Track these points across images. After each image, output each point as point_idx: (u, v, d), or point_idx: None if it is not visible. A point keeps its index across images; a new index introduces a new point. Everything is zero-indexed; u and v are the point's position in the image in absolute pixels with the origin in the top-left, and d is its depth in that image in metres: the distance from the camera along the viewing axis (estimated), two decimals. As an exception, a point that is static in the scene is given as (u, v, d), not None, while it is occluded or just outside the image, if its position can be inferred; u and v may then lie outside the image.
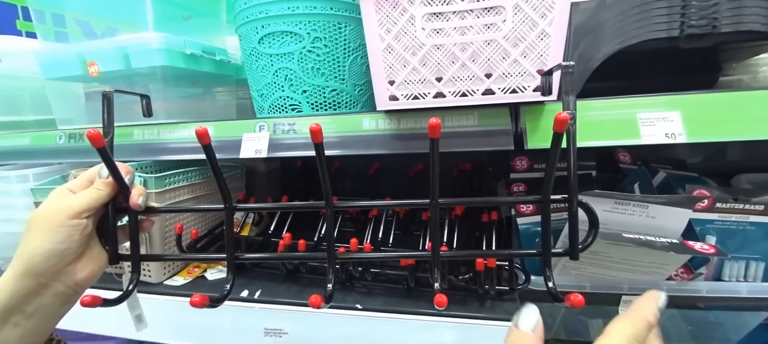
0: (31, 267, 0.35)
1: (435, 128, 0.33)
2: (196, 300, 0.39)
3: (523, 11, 0.41)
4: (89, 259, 0.39)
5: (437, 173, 0.37)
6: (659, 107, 0.47)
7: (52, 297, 0.36)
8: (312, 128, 0.34)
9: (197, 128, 0.36)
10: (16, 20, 1.08)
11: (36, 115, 0.92)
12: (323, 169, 0.37)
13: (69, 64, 0.64)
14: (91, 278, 0.40)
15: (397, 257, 0.58)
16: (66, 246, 0.36)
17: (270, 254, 0.54)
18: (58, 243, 0.36)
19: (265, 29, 0.58)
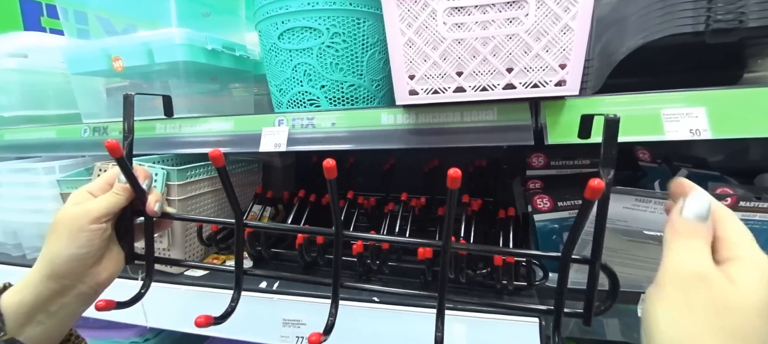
0: (55, 271, 0.36)
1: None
2: (201, 321, 0.41)
3: (546, 5, 0.41)
4: (109, 260, 0.41)
5: (453, 217, 0.35)
6: (684, 103, 0.46)
7: (74, 297, 0.38)
8: (326, 165, 0.33)
9: (211, 152, 0.36)
10: (40, 17, 1.12)
11: (60, 109, 0.95)
12: (334, 200, 0.37)
13: (94, 60, 0.66)
14: (112, 277, 0.41)
15: (402, 242, 0.57)
16: (86, 250, 0.37)
17: (272, 273, 0.53)
18: (79, 248, 0.37)
19: (285, 25, 0.58)
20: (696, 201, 0.27)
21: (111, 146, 0.36)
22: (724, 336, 0.22)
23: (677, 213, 0.27)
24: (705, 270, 0.24)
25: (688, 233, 0.26)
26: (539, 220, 0.64)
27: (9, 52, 0.85)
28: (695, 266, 0.24)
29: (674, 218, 0.27)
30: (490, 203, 0.75)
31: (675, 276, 0.25)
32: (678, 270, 0.25)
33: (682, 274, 0.24)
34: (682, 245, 0.26)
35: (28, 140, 0.81)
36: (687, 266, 0.25)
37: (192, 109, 0.70)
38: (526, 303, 0.51)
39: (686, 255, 0.25)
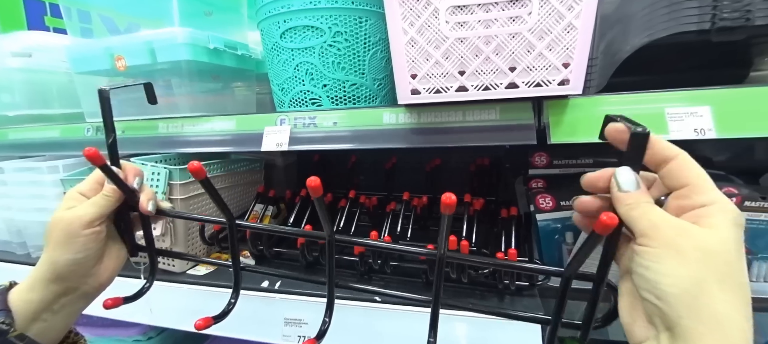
0: (58, 274, 0.37)
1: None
2: (200, 324, 0.41)
3: (550, 3, 0.41)
4: (110, 258, 0.41)
5: (447, 238, 0.34)
6: (688, 102, 0.46)
7: (77, 297, 0.39)
8: (310, 184, 0.32)
9: (191, 164, 0.35)
10: (44, 16, 1.12)
11: (63, 108, 0.95)
12: (324, 213, 0.36)
13: (97, 59, 0.66)
14: (114, 274, 0.42)
15: (397, 249, 0.58)
16: (84, 255, 0.38)
17: (269, 270, 0.51)
18: (77, 253, 0.37)
19: (287, 24, 0.58)
20: (624, 174, 0.29)
21: (89, 154, 0.35)
22: (718, 275, 0.25)
23: (615, 190, 0.29)
24: (680, 223, 0.26)
25: (637, 201, 0.28)
26: (541, 219, 0.63)
27: (13, 52, 0.86)
28: (670, 221, 0.27)
29: (619, 195, 0.29)
30: (492, 202, 0.75)
31: (661, 232, 0.26)
32: (660, 228, 0.26)
33: (667, 230, 0.26)
34: (642, 211, 0.28)
35: (32, 139, 0.81)
36: (664, 223, 0.27)
37: (194, 108, 0.70)
38: (528, 305, 0.51)
39: (652, 215, 0.27)
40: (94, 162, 0.35)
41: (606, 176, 0.30)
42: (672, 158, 0.28)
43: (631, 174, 0.29)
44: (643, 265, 0.27)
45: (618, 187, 0.29)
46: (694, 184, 0.27)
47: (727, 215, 0.26)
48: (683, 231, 0.26)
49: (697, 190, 0.27)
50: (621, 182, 0.29)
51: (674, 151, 0.28)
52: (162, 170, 0.62)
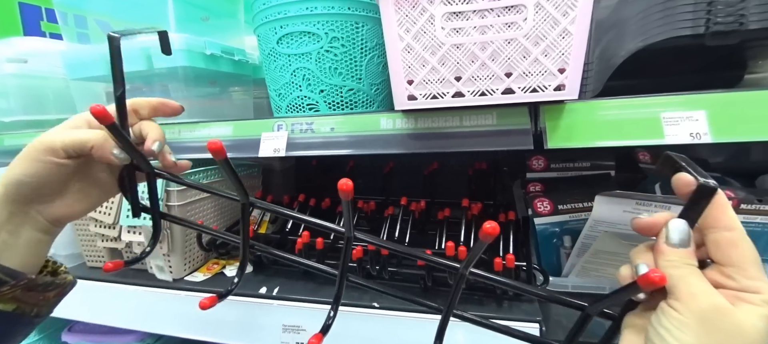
0: (6, 192, 0.34)
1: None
2: (205, 303, 0.41)
3: (545, 9, 0.41)
4: (72, 199, 0.38)
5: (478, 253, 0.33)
6: (683, 106, 0.46)
7: (30, 221, 0.36)
8: (342, 187, 0.31)
9: (210, 142, 0.33)
10: (40, 22, 1.12)
11: (59, 114, 0.95)
12: (349, 213, 0.36)
13: (94, 65, 0.66)
14: (74, 215, 0.38)
15: (415, 255, 0.58)
16: (36, 180, 0.34)
17: (286, 255, 0.53)
18: (29, 176, 0.34)
19: (283, 29, 0.58)
20: (677, 228, 0.28)
21: (96, 112, 0.32)
22: None
23: (664, 241, 0.28)
24: (718, 300, 0.26)
25: (680, 260, 0.27)
26: (539, 223, 0.63)
27: (8, 58, 0.85)
28: (709, 296, 0.26)
29: (664, 248, 0.28)
30: (491, 206, 0.75)
31: (695, 304, 0.26)
32: (695, 299, 0.26)
33: (701, 304, 0.25)
34: (682, 273, 0.27)
35: (28, 146, 0.81)
36: (702, 296, 0.26)
37: (192, 113, 0.70)
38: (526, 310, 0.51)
39: (692, 283, 0.26)
40: (102, 121, 0.32)
41: (659, 225, 0.29)
42: (726, 230, 0.27)
43: (684, 230, 0.28)
44: (665, 327, 0.26)
45: (666, 238, 0.28)
46: (743, 267, 0.26)
47: None
48: (719, 311, 0.25)
49: (745, 274, 0.26)
50: (671, 235, 0.28)
51: (732, 222, 0.27)
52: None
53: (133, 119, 0.40)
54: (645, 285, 0.26)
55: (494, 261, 0.50)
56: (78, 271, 0.79)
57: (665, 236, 0.28)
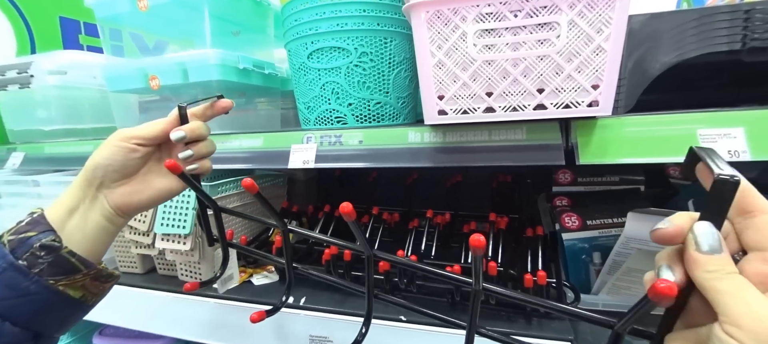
0: (87, 175, 0.41)
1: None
2: (255, 317, 0.46)
3: (579, 27, 0.41)
4: (131, 188, 0.43)
5: (480, 268, 0.33)
6: (721, 123, 0.45)
7: (98, 206, 0.41)
8: (343, 210, 0.34)
9: (244, 181, 0.40)
10: (79, 35, 1.17)
11: (94, 123, 0.99)
12: (359, 233, 0.39)
13: (133, 78, 0.69)
14: (128, 207, 0.43)
15: (434, 273, 0.58)
16: (109, 162, 0.41)
17: (319, 274, 0.55)
18: (104, 158, 0.41)
19: (314, 45, 0.60)
20: (705, 231, 0.25)
21: (170, 166, 0.40)
22: None
23: (691, 249, 0.25)
24: None
25: (722, 270, 0.24)
26: (568, 239, 0.63)
27: (50, 70, 0.90)
28: None
29: (698, 257, 0.25)
30: (516, 220, 0.75)
31: (753, 325, 0.22)
32: (754, 319, 0.22)
33: (760, 323, 0.22)
34: (729, 287, 0.23)
35: (66, 153, 0.85)
36: (761, 313, 0.22)
37: (222, 124, 0.72)
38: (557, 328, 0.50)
39: (754, 302, 0.22)
40: (173, 171, 0.41)
41: (683, 232, 0.26)
42: (763, 213, 0.24)
43: (713, 233, 0.24)
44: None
45: (696, 246, 0.24)
46: None
47: None
48: None
49: None
50: (701, 242, 0.24)
51: (763, 205, 0.24)
52: (192, 187, 0.64)
53: None
54: (654, 298, 0.23)
55: (524, 277, 0.50)
56: (110, 276, 0.81)
57: (693, 244, 0.25)
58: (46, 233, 0.37)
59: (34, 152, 0.89)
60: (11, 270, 0.35)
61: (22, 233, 0.37)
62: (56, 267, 0.37)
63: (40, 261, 0.36)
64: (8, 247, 0.36)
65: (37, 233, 0.37)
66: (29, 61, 0.89)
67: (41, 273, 0.36)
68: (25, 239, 0.36)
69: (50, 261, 0.36)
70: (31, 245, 0.36)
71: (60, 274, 0.37)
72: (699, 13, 0.49)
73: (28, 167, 0.89)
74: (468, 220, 0.67)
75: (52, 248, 0.36)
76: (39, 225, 0.37)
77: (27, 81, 0.88)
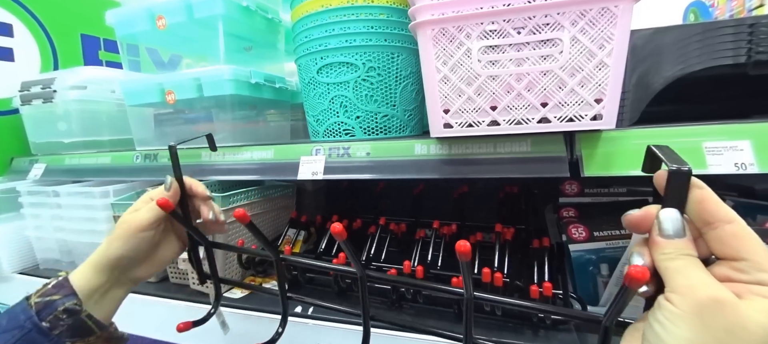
0: (109, 264, 0.44)
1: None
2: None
3: (581, 43, 0.42)
4: (150, 263, 0.47)
5: (470, 274, 0.35)
6: (727, 136, 0.45)
7: (121, 284, 0.45)
8: (334, 231, 0.35)
9: (236, 212, 0.42)
10: (99, 51, 1.22)
11: (112, 135, 1.02)
12: (352, 254, 0.40)
13: (150, 93, 0.72)
14: (148, 276, 0.48)
15: (425, 286, 0.59)
16: (135, 253, 0.45)
17: (313, 301, 0.57)
18: (130, 250, 0.44)
19: (323, 60, 0.62)
20: (670, 217, 0.26)
21: (162, 204, 0.43)
22: None
23: (655, 233, 0.27)
24: (718, 292, 0.24)
25: (676, 251, 0.26)
26: (575, 250, 0.63)
27: (71, 85, 0.94)
28: (708, 288, 0.24)
29: (659, 241, 0.26)
30: (523, 231, 0.75)
31: (691, 298, 0.24)
32: (693, 291, 0.24)
33: (699, 297, 0.24)
34: (678, 265, 0.25)
35: (85, 165, 0.88)
36: (700, 288, 0.24)
37: (232, 135, 0.74)
38: (563, 340, 0.50)
39: (690, 274, 0.25)
40: (165, 209, 0.44)
41: (650, 218, 0.28)
42: (726, 223, 0.25)
43: (677, 218, 0.26)
44: (659, 321, 0.25)
45: (659, 230, 0.26)
46: (755, 260, 0.24)
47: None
48: (720, 304, 0.23)
49: (759, 266, 0.24)
50: (664, 226, 0.26)
51: (729, 215, 0.25)
52: (205, 197, 0.66)
53: None
54: (628, 283, 0.25)
55: (531, 288, 0.50)
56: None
57: (658, 228, 0.27)
58: (69, 297, 0.40)
59: (55, 164, 0.93)
60: (35, 331, 0.38)
61: (48, 296, 0.40)
62: (75, 329, 0.40)
63: (61, 323, 0.39)
64: (34, 309, 0.39)
65: (61, 297, 0.40)
66: (52, 77, 0.93)
67: (61, 335, 0.39)
68: (50, 303, 0.40)
69: (70, 323, 0.40)
70: (56, 309, 0.39)
71: (77, 336, 0.40)
72: (703, 28, 0.50)
73: (49, 178, 0.92)
74: (474, 231, 0.68)
75: (73, 312, 0.40)
76: (63, 289, 0.41)
77: (50, 96, 0.92)
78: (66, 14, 1.15)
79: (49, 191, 0.87)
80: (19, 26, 1.06)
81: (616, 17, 0.40)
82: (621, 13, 0.40)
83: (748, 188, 0.72)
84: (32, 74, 1.07)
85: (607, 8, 0.40)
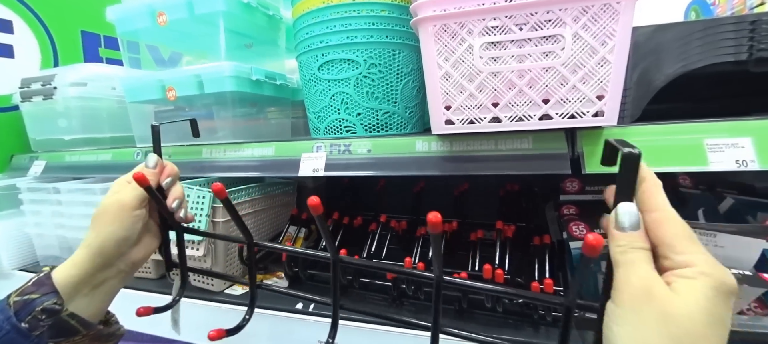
0: (102, 250, 0.41)
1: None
2: (213, 334, 0.44)
3: (583, 39, 0.42)
4: (143, 245, 0.45)
5: (440, 251, 0.36)
6: (728, 133, 0.45)
7: (114, 273, 0.42)
8: (311, 203, 0.33)
9: (214, 185, 0.40)
10: (99, 48, 1.22)
11: (112, 132, 1.02)
12: (326, 232, 0.39)
13: (151, 89, 0.72)
14: (144, 260, 0.46)
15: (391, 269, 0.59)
16: (130, 233, 0.42)
17: (282, 290, 0.54)
18: (126, 230, 0.42)
19: (324, 57, 0.62)
20: (624, 209, 0.27)
21: (138, 178, 0.41)
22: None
23: (612, 226, 0.28)
24: (650, 283, 0.24)
25: (629, 245, 0.26)
26: (576, 248, 0.63)
27: (71, 82, 0.94)
28: (641, 280, 0.25)
29: (613, 232, 0.27)
30: (524, 228, 0.75)
31: (627, 292, 0.25)
32: (628, 286, 0.25)
33: (632, 290, 0.25)
34: (628, 259, 0.26)
35: (86, 162, 0.88)
36: (635, 282, 0.25)
37: (233, 132, 0.74)
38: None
39: (632, 270, 0.26)
40: (141, 184, 0.41)
41: (610, 193, 0.29)
42: (654, 211, 0.27)
43: (632, 212, 0.27)
44: (608, 326, 0.25)
45: (616, 222, 0.27)
46: (672, 244, 0.25)
47: (704, 280, 0.23)
48: (649, 296, 0.24)
49: (674, 250, 0.25)
50: (619, 218, 0.27)
51: (658, 204, 0.27)
52: (207, 194, 0.66)
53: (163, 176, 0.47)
54: (586, 251, 0.26)
55: (531, 285, 0.50)
56: (125, 281, 0.83)
57: (614, 221, 0.27)
58: (49, 295, 0.38)
59: (56, 161, 0.93)
60: (14, 332, 0.36)
61: (27, 294, 0.38)
62: (56, 329, 0.38)
63: (41, 324, 0.37)
64: (13, 308, 0.37)
65: (40, 295, 0.38)
66: (52, 73, 0.93)
67: (41, 336, 0.37)
68: (28, 302, 0.37)
69: (50, 323, 0.37)
70: (34, 308, 0.37)
71: (60, 336, 0.38)
72: (704, 25, 0.50)
73: (49, 174, 0.92)
74: (475, 228, 0.68)
75: (52, 312, 0.37)
76: (43, 287, 0.38)
77: (50, 93, 0.92)
78: (66, 11, 1.15)
79: (50, 188, 0.87)
80: (19, 23, 1.06)
81: (618, 14, 0.40)
82: (623, 10, 0.40)
83: (748, 186, 0.72)
84: (32, 71, 1.07)
85: (609, 4, 0.40)
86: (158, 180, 0.45)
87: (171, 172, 0.47)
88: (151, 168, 0.44)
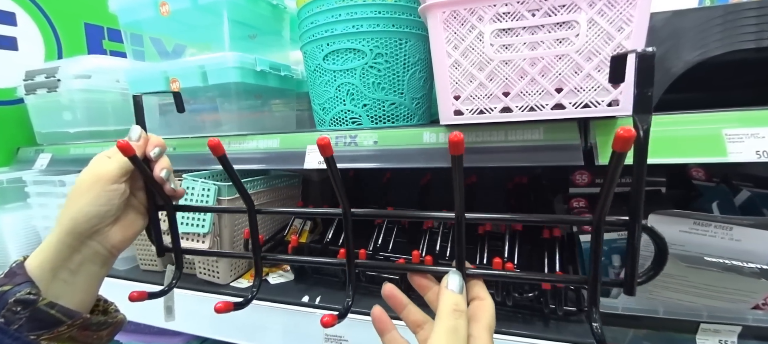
0: (75, 227, 0.37)
1: (458, 145, 0.31)
2: (220, 307, 0.41)
3: (598, 25, 0.40)
4: (123, 225, 0.41)
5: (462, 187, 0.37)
6: (748, 123, 0.43)
7: (92, 255, 0.39)
8: (319, 142, 0.33)
9: (210, 140, 0.36)
10: (102, 41, 1.21)
11: (117, 125, 1.02)
12: (337, 179, 0.38)
13: (154, 81, 0.71)
14: (125, 242, 0.42)
15: None
16: (106, 209, 0.38)
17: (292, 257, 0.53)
18: (100, 206, 0.38)
19: (329, 47, 0.60)
20: (455, 278, 0.35)
21: (122, 146, 0.38)
22: None
23: (444, 287, 0.35)
24: None
25: (459, 308, 0.33)
26: (586, 241, 0.61)
27: (75, 74, 0.93)
28: None
29: (445, 293, 0.34)
30: (532, 221, 0.74)
31: None
32: None
33: None
34: (443, 317, 0.33)
35: (91, 155, 0.86)
36: None
37: (237, 124, 0.73)
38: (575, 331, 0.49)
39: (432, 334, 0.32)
40: (125, 153, 0.38)
41: None
42: None
43: (460, 280, 0.35)
44: None
45: (447, 284, 0.35)
46: None
47: None
48: None
49: None
50: (450, 282, 0.35)
51: None
52: (211, 186, 0.65)
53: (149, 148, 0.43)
54: (619, 146, 0.27)
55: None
56: (132, 273, 0.84)
57: (446, 283, 0.35)
58: (22, 285, 0.34)
59: (61, 154, 0.93)
60: None
61: None
62: (35, 320, 0.34)
63: (17, 317, 0.33)
64: None
65: (12, 286, 0.34)
66: (56, 66, 0.92)
67: (20, 330, 0.33)
68: (1, 294, 0.34)
69: (28, 315, 0.34)
70: (7, 301, 0.34)
71: (41, 328, 0.34)
72: (724, 10, 0.48)
73: (54, 167, 0.92)
74: (482, 222, 0.66)
75: (27, 303, 0.34)
76: (15, 277, 0.35)
77: (54, 85, 0.91)
78: (69, 2, 1.14)
79: (55, 181, 0.87)
80: (22, 15, 1.05)
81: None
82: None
83: (765, 178, 0.70)
84: (36, 63, 1.06)
85: (627, -12, 0.39)
86: (144, 151, 0.41)
87: (158, 142, 0.43)
88: (135, 141, 0.41)
